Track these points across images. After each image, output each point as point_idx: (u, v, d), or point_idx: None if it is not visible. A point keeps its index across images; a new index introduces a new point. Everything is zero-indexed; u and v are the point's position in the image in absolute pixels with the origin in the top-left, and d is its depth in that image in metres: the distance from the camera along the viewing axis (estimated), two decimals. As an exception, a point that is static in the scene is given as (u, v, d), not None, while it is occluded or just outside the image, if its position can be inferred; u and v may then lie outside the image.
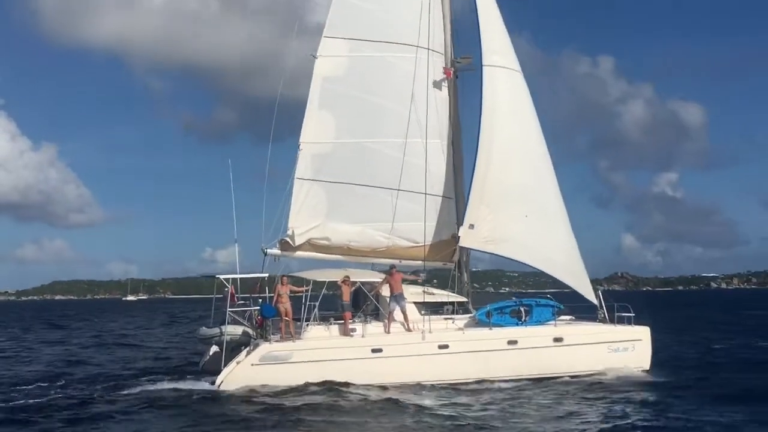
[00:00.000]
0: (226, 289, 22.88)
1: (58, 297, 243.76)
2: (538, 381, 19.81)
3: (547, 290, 39.10)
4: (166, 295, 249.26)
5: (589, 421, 15.63)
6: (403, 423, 15.76)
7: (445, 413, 16.27)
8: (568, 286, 22.53)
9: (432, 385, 19.28)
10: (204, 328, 21.78)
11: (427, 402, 17.46)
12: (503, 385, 19.35)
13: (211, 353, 22.58)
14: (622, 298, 22.41)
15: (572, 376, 20.27)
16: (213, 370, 21.19)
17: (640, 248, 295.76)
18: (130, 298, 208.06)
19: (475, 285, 24.48)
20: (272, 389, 18.73)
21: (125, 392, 19.32)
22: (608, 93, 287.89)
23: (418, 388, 19.04)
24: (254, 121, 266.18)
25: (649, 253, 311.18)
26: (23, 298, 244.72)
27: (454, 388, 19.09)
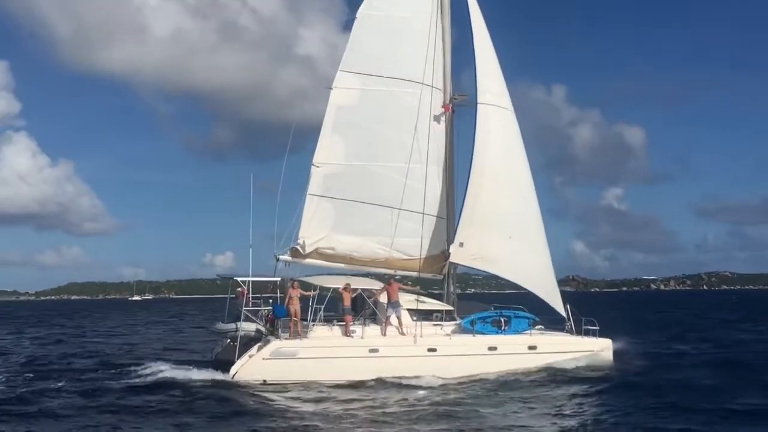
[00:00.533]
0: (239, 290, 24.98)
1: (73, 297, 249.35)
2: (513, 382, 21.11)
3: (506, 291, 40.93)
4: (170, 296, 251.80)
5: (551, 415, 17.40)
6: (391, 413, 17.23)
7: (425, 405, 17.95)
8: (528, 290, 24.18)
9: (420, 383, 20.55)
10: (220, 323, 23.66)
11: (414, 394, 19.21)
12: (481, 384, 20.78)
13: (223, 345, 24.67)
14: (576, 299, 24.31)
15: (540, 380, 21.47)
16: (224, 360, 22.89)
17: (589, 254, 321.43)
18: (136, 298, 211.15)
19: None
20: (281, 381, 20.37)
21: (149, 379, 21.32)
22: (561, 117, 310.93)
23: (408, 385, 20.41)
24: (247, 140, 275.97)
25: (597, 258, 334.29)
26: (42, 298, 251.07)
27: (440, 386, 20.46)
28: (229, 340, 24.18)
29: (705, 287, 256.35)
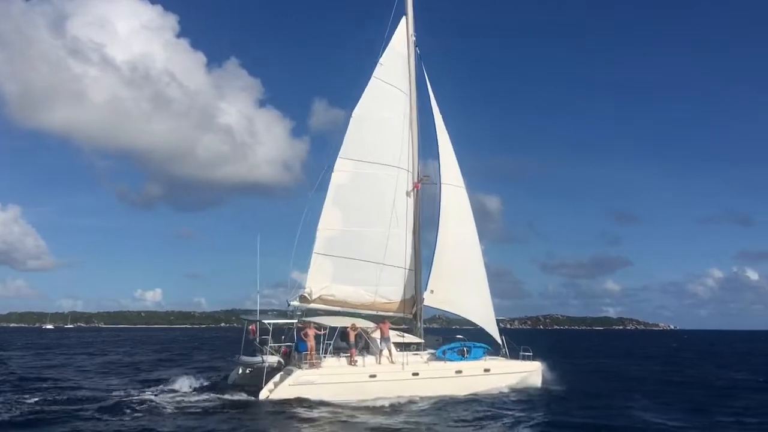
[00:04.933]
0: (251, 327, 26.06)
1: (12, 325, 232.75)
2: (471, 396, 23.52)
3: (453, 326, 44.06)
4: (99, 325, 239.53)
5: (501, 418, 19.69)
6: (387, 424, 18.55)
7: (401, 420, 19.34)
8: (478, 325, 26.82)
9: (408, 400, 22.20)
10: (245, 356, 24.60)
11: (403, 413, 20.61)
12: (445, 400, 22.57)
13: (239, 373, 25.43)
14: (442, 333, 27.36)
15: (492, 394, 24.08)
16: (241, 385, 24.16)
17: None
18: (49, 326, 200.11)
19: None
20: (303, 402, 21.38)
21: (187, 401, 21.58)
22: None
23: (398, 402, 21.94)
24: (173, 194, 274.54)
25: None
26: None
27: (415, 401, 22.24)
28: (244, 369, 25.27)
29: (541, 327, 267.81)
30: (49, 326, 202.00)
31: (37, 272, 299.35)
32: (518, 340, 27.26)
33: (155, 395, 22.55)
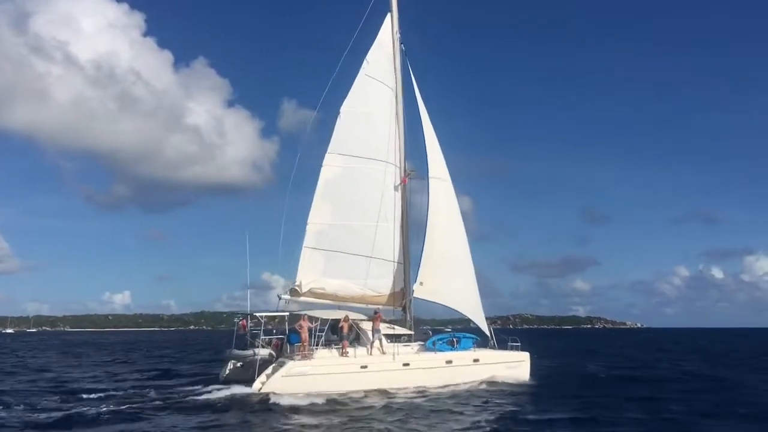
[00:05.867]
0: (241, 322, 26.16)
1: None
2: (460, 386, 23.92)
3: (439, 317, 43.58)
4: (65, 329, 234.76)
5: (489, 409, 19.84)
6: (378, 416, 18.56)
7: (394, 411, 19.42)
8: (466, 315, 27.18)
9: (396, 390, 22.67)
10: (236, 350, 24.70)
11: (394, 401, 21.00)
12: (435, 390, 23.18)
13: (229, 367, 25.49)
14: None
15: (483, 382, 24.65)
16: (232, 380, 24.13)
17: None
18: (9, 330, 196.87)
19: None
20: (295, 393, 21.37)
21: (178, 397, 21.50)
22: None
23: (388, 392, 22.48)
24: (140, 195, 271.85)
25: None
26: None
27: (411, 391, 22.78)
28: (235, 363, 25.32)
29: (510, 326, 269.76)
30: (9, 330, 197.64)
31: (0, 275, 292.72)
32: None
33: (150, 391, 22.50)
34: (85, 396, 22.13)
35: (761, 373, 33.54)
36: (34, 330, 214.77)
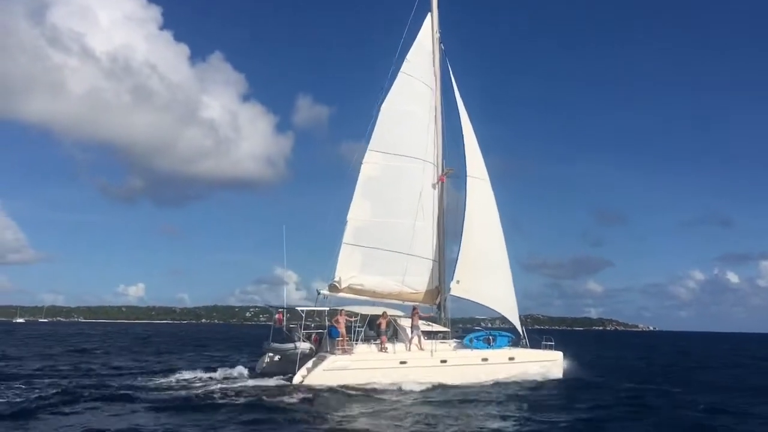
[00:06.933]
0: (277, 316, 26.57)
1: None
2: (497, 384, 24.29)
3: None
4: (79, 319, 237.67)
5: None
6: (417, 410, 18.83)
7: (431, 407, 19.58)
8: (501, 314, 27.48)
9: (434, 386, 22.83)
10: (275, 343, 25.19)
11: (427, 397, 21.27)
12: (472, 386, 23.44)
13: (266, 360, 26.04)
14: None
15: (517, 381, 24.85)
16: (269, 372, 24.70)
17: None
18: (20, 320, 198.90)
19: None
20: (336, 387, 21.90)
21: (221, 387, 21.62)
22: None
23: (426, 388, 22.63)
24: (155, 188, 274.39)
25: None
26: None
27: (449, 388, 22.92)
28: (272, 356, 25.76)
29: (522, 327, 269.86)
30: (20, 320, 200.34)
31: (17, 266, 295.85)
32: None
33: (182, 383, 22.86)
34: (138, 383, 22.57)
35: None
36: (45, 320, 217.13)
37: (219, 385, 22.03)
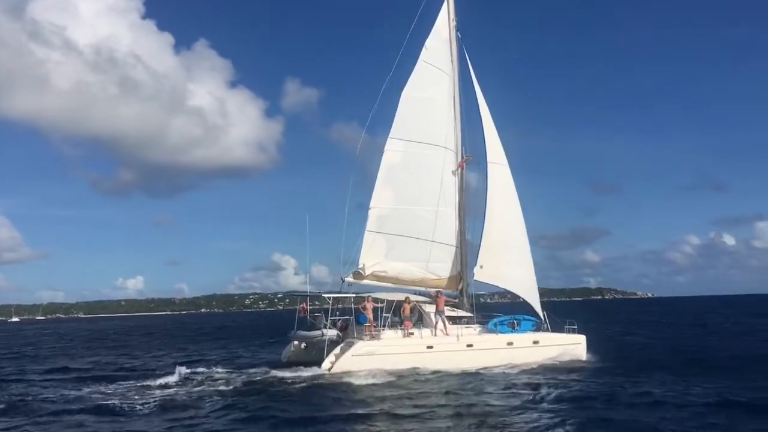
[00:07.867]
0: (301, 305, 26.79)
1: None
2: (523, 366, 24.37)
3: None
4: (79, 315, 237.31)
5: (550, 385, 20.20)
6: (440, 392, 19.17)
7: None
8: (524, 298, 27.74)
9: (461, 370, 23.15)
10: (301, 331, 25.52)
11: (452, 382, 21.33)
12: (499, 370, 23.67)
13: (291, 349, 26.38)
14: None
15: (542, 365, 25.01)
16: (295, 361, 25.01)
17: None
18: (15, 319, 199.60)
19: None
20: (364, 372, 22.15)
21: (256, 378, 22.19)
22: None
23: (453, 372, 22.91)
24: (146, 180, 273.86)
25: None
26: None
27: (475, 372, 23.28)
28: (298, 344, 26.03)
29: (520, 300, 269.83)
30: (15, 319, 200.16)
31: (13, 264, 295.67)
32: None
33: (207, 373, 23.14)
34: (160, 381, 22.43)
35: None
36: (42, 318, 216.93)
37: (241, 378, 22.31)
